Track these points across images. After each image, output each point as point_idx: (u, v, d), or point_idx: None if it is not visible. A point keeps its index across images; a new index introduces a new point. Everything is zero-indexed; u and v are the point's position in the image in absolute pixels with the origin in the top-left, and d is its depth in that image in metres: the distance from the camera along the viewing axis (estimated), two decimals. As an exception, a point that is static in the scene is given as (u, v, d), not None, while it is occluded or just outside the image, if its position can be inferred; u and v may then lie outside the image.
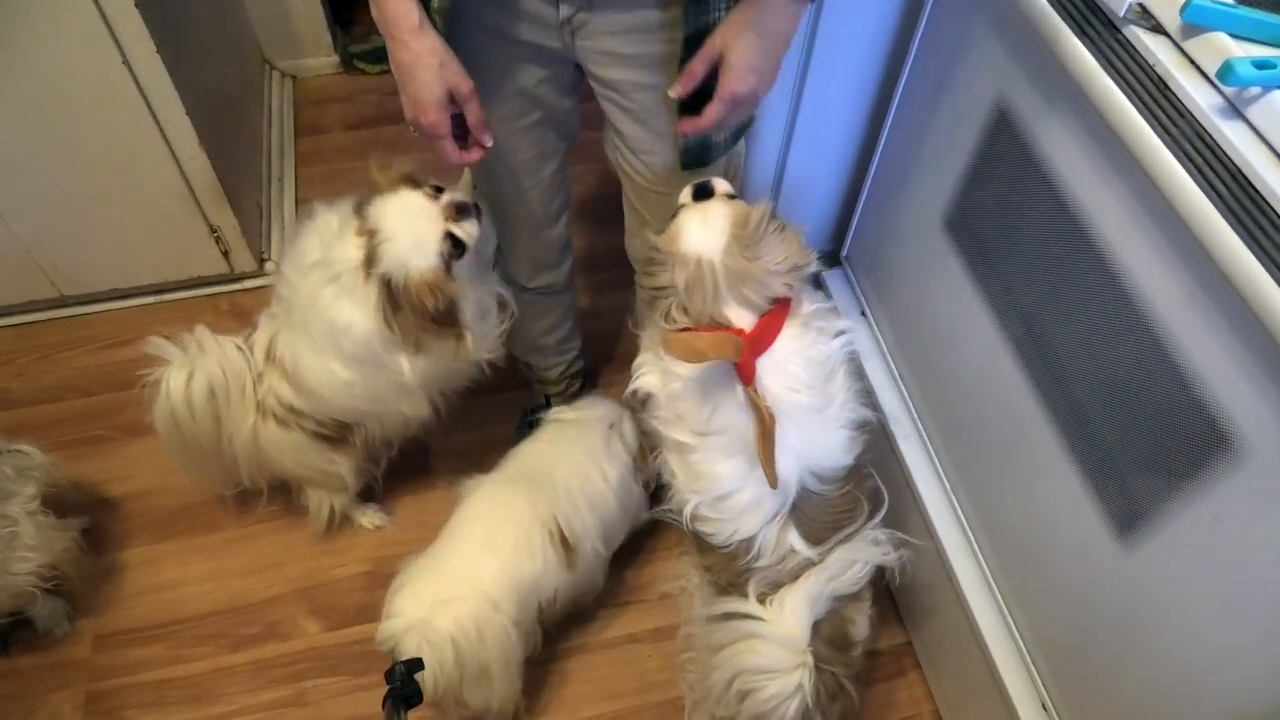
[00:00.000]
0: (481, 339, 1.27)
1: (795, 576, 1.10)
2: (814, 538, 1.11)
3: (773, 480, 1.01)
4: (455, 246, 1.16)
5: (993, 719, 1.25)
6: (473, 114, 1.02)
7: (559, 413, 1.49)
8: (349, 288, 1.16)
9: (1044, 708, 1.17)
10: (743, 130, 1.17)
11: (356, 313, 1.17)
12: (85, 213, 1.74)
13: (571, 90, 1.18)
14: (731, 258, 1.00)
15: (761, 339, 1.01)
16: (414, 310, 1.14)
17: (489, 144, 1.06)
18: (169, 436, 1.35)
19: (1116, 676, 1.03)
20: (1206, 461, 0.85)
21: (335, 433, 1.41)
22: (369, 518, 1.64)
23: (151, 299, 1.95)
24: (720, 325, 1.01)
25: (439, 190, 1.19)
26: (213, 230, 1.84)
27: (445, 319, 1.17)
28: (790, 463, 1.05)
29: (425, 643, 1.16)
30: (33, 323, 1.91)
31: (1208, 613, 0.89)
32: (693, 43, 0.98)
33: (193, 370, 1.30)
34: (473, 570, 1.26)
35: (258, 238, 1.99)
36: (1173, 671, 0.94)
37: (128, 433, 1.75)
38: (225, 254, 1.90)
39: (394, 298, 1.14)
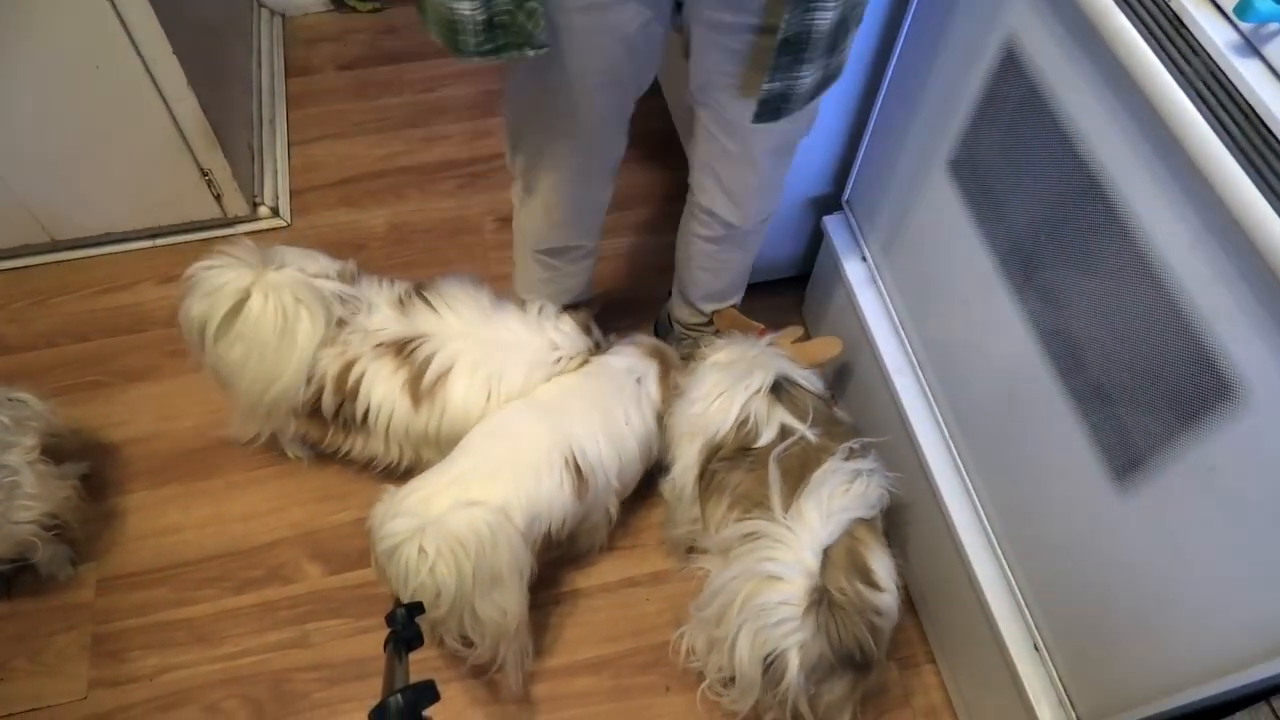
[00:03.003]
0: None
1: (804, 469, 1.27)
2: (801, 417, 1.35)
3: None
4: None
5: (986, 660, 1.27)
6: None
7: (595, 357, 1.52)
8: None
9: (1036, 649, 1.18)
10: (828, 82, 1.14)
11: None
12: (73, 156, 1.71)
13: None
14: None
15: None
16: None
17: None
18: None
19: (1109, 621, 1.04)
20: (1207, 408, 0.84)
21: (330, 418, 1.44)
22: (293, 449, 1.62)
23: (145, 243, 1.93)
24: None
25: None
26: (204, 173, 1.81)
27: None
28: (771, 364, 1.41)
29: (439, 540, 1.16)
30: (25, 268, 1.89)
31: (1200, 560, 0.89)
32: None
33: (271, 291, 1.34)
34: (488, 482, 1.27)
35: (250, 181, 1.96)
36: (1164, 617, 0.95)
37: (125, 378, 1.74)
38: (217, 198, 1.87)
39: None
